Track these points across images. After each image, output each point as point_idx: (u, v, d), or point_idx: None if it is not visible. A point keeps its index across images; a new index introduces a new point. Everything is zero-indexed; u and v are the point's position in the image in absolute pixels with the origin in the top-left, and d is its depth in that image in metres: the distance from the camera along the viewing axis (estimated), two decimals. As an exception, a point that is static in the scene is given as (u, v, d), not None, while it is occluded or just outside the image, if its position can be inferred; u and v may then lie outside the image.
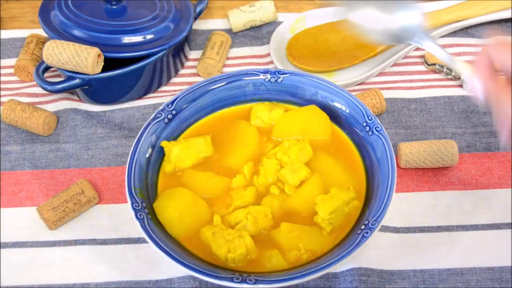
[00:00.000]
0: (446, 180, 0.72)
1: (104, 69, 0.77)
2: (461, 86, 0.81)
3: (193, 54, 0.88)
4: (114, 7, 0.81)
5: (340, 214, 0.63)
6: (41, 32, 0.88)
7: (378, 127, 0.67)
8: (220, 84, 0.72)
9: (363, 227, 0.60)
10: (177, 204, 0.64)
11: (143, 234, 0.59)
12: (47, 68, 0.78)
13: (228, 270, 0.59)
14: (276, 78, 0.72)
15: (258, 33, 0.90)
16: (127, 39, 0.78)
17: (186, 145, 0.68)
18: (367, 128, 0.67)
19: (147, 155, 0.67)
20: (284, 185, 0.66)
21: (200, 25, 0.91)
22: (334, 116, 0.70)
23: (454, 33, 0.87)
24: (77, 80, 0.77)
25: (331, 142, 0.70)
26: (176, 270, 0.66)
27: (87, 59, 0.74)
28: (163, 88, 0.84)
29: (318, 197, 0.63)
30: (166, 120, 0.70)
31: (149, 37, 0.79)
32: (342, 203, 0.63)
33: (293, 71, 0.73)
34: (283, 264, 0.61)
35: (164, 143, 0.68)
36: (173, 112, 0.70)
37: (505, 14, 0.86)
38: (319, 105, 0.71)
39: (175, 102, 0.70)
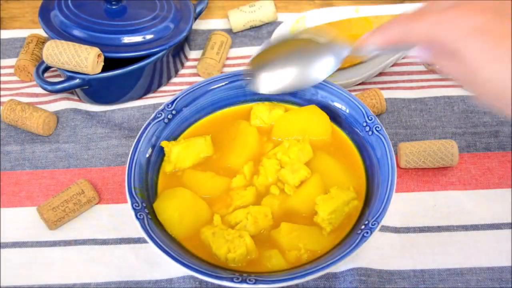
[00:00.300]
0: (446, 180, 0.72)
1: (104, 69, 0.77)
2: (461, 86, 0.81)
3: (193, 54, 0.88)
4: (114, 7, 0.81)
5: (340, 214, 0.63)
6: (41, 32, 0.88)
7: (378, 127, 0.67)
8: (220, 84, 0.72)
9: (363, 227, 0.59)
10: (177, 204, 0.64)
11: (143, 234, 0.59)
12: (47, 68, 0.78)
13: (228, 270, 0.59)
14: (276, 78, 0.72)
15: (258, 33, 0.90)
16: (127, 39, 0.78)
17: (186, 145, 0.68)
18: (367, 128, 0.67)
19: (147, 155, 0.67)
20: (284, 185, 0.66)
21: (200, 25, 0.91)
22: (334, 116, 0.70)
23: None
24: (77, 80, 0.77)
25: (331, 142, 0.70)
26: (176, 270, 0.66)
27: (87, 59, 0.74)
28: (163, 88, 0.84)
29: (318, 197, 0.63)
30: (166, 120, 0.70)
31: (149, 37, 0.79)
32: (342, 203, 0.63)
33: (293, 71, 0.73)
34: (283, 264, 0.60)
35: (164, 143, 0.68)
36: (173, 112, 0.70)
37: None
38: (319, 105, 0.71)
39: (175, 102, 0.70)
